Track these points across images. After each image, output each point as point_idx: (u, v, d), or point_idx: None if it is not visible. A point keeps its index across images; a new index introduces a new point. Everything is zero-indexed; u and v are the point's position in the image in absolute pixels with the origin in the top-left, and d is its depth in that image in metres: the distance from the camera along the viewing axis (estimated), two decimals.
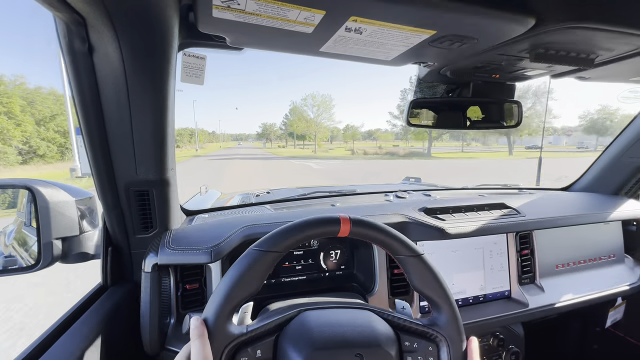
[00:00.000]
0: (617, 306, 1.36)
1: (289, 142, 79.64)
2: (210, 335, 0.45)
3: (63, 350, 0.61)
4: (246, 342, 0.47)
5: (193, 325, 0.45)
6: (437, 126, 1.03)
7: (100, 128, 0.70)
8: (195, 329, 0.44)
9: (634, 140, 1.30)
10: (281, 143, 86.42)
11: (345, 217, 0.52)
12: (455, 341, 0.51)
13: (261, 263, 0.48)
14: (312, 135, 51.76)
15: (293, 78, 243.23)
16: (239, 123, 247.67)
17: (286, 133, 71.45)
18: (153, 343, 0.75)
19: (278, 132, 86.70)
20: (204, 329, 0.45)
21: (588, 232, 1.22)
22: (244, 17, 0.54)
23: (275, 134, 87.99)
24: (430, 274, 0.53)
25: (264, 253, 0.48)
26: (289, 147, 73.58)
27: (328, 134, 64.04)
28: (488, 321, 0.97)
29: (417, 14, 0.53)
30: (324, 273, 1.00)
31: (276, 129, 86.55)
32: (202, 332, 0.44)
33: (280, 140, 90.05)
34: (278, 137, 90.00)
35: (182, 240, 0.82)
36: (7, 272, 0.75)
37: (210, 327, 0.45)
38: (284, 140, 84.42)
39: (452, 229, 0.96)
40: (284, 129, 70.91)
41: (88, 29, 0.57)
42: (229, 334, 0.46)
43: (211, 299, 0.47)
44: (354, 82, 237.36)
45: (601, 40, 0.63)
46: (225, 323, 0.46)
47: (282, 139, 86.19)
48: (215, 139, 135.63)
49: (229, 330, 0.46)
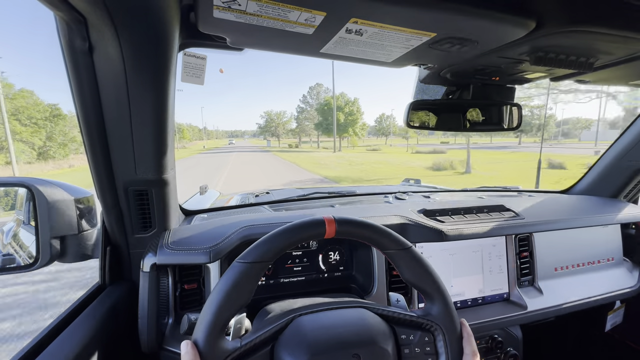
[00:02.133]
0: (616, 309, 1.36)
1: (302, 138, 58.01)
2: (202, 358, 0.44)
3: (60, 349, 0.61)
4: (242, 356, 0.47)
5: (183, 350, 0.44)
6: (437, 128, 1.03)
7: (100, 127, 0.70)
8: (185, 354, 0.44)
9: (633, 144, 1.30)
10: (292, 140, 62.63)
11: (329, 218, 0.52)
12: (450, 329, 0.52)
13: (248, 276, 0.47)
14: (347, 129, 38.97)
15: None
16: (232, 114, 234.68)
17: (310, 125, 47.87)
18: (151, 343, 0.75)
19: (288, 125, 57.58)
20: (195, 353, 0.44)
21: (587, 235, 1.22)
22: (244, 17, 0.54)
23: (284, 126, 57.38)
24: (420, 265, 0.53)
25: (250, 265, 0.48)
26: (304, 145, 55.83)
27: (366, 127, 43.47)
28: (486, 323, 0.97)
29: (417, 16, 0.53)
30: (323, 274, 1.00)
31: (286, 120, 56.44)
32: (192, 357, 0.43)
33: (292, 136, 63.27)
34: (288, 133, 60.68)
35: (181, 240, 0.82)
36: (5, 271, 0.75)
37: (202, 349, 0.44)
38: (295, 135, 59.81)
39: (451, 231, 0.96)
40: (307, 122, 48.18)
41: (88, 28, 0.57)
42: (222, 351, 0.45)
43: (200, 318, 0.46)
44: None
45: (601, 44, 0.63)
46: (217, 341, 0.45)
47: (293, 134, 60.15)
48: (208, 136, 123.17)
49: (222, 347, 0.45)
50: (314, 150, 40.61)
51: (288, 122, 57.22)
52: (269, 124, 57.70)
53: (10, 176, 9.00)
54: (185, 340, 0.45)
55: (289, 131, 59.66)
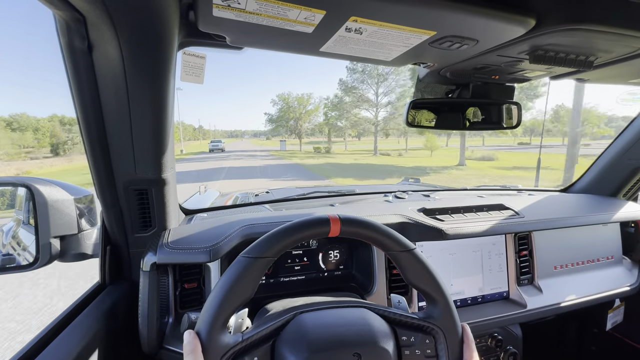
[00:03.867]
0: (615, 308, 1.36)
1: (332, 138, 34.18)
2: (204, 349, 0.44)
3: (60, 348, 0.61)
4: (243, 351, 0.47)
5: (186, 340, 0.45)
6: (437, 127, 1.03)
7: (99, 126, 0.70)
8: (187, 344, 0.44)
9: (633, 142, 1.30)
10: (319, 143, 37.53)
11: (334, 217, 0.52)
12: (451, 332, 0.52)
13: (252, 270, 0.47)
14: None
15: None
16: (232, 112, 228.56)
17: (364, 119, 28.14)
18: (151, 342, 0.75)
19: (314, 118, 34.84)
20: (197, 343, 0.44)
21: (586, 234, 1.22)
22: (244, 16, 0.54)
23: (308, 118, 34.48)
24: (423, 268, 0.53)
25: (254, 260, 0.48)
26: (338, 146, 37.04)
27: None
28: (486, 322, 0.97)
29: (417, 15, 0.53)
30: (323, 273, 1.00)
31: (311, 109, 34.03)
32: (194, 346, 0.44)
33: (319, 135, 42.41)
34: (314, 131, 39.25)
35: (181, 240, 0.82)
36: (5, 270, 0.75)
37: (204, 340, 0.45)
38: (322, 133, 37.20)
39: (450, 229, 0.96)
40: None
41: (88, 27, 0.57)
42: (223, 344, 0.45)
43: (203, 310, 0.47)
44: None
45: (600, 42, 0.63)
46: (219, 334, 0.46)
47: (320, 132, 38.20)
48: (204, 136, 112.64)
49: (223, 341, 0.46)
50: (356, 153, 27.84)
51: (314, 111, 33.83)
52: (285, 113, 33.89)
53: (11, 176, 8.99)
54: (188, 330, 0.46)
55: (312, 129, 37.28)
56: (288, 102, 34.27)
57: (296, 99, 34.17)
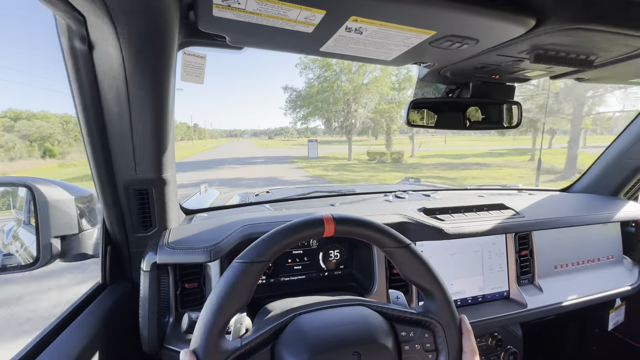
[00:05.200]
0: (616, 307, 1.36)
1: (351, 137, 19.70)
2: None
3: (61, 348, 0.61)
4: (242, 356, 0.47)
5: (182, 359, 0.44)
6: (437, 126, 1.03)
7: (100, 126, 0.70)
8: None
9: (633, 142, 1.30)
10: (378, 147, 21.47)
11: (328, 217, 0.52)
12: (450, 325, 0.52)
13: (246, 276, 0.47)
14: None
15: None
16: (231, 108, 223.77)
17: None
18: (152, 342, 0.75)
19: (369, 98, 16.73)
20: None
21: (587, 233, 1.22)
22: (244, 16, 0.54)
23: (366, 95, 16.54)
24: (419, 262, 0.53)
25: (249, 265, 0.47)
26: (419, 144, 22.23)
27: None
28: (486, 321, 0.97)
29: (417, 14, 0.53)
30: (323, 273, 1.00)
31: (368, 82, 16.04)
32: None
33: (375, 134, 25.21)
34: (368, 126, 20.60)
35: (181, 240, 0.82)
36: (5, 270, 0.75)
37: (201, 357, 0.44)
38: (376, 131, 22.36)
39: (451, 229, 0.96)
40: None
41: (88, 27, 0.57)
42: (222, 351, 0.45)
43: (198, 323, 0.46)
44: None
45: (601, 41, 0.63)
46: (217, 341, 0.45)
47: (375, 131, 22.61)
48: (199, 136, 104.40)
49: (222, 348, 0.45)
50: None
51: (381, 80, 17.69)
52: (331, 85, 18.03)
53: (11, 176, 9.02)
54: (184, 350, 0.45)
55: (366, 124, 20.92)
56: (330, 66, 17.67)
57: (340, 68, 17.75)
